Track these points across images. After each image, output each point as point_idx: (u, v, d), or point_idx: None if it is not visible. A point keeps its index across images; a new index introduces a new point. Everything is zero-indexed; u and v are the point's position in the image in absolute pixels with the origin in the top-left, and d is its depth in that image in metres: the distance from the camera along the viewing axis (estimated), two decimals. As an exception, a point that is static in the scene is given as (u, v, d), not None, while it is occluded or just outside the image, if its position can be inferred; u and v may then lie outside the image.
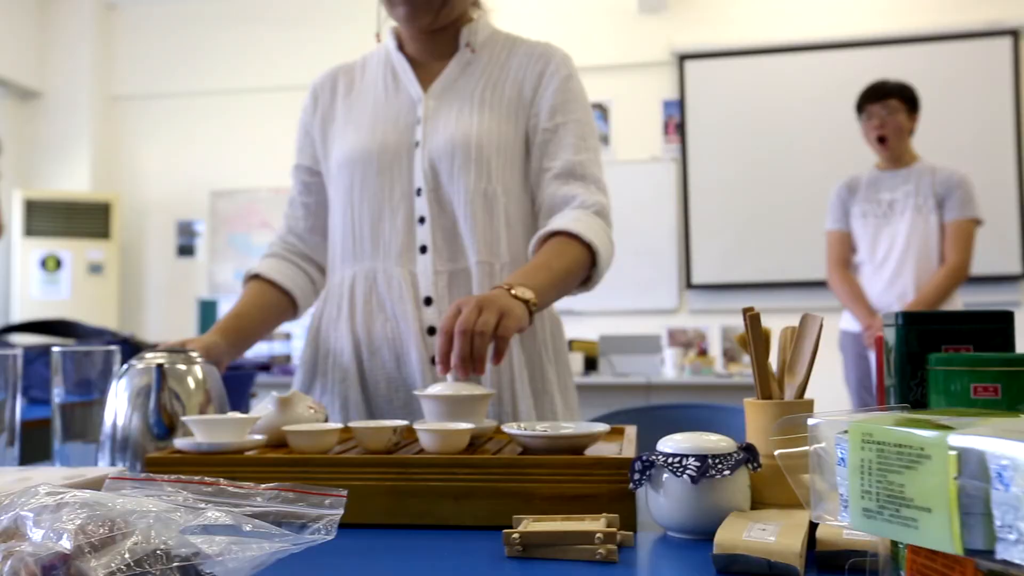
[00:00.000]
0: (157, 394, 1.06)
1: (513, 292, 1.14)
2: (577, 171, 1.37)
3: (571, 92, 1.40)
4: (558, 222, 1.31)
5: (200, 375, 1.10)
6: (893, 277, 3.13)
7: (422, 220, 1.35)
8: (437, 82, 1.40)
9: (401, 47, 1.46)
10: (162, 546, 0.56)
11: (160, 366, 1.07)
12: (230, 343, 1.32)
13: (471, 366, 1.06)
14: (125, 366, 1.10)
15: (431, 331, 1.32)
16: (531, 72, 1.40)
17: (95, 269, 5.69)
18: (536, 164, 1.39)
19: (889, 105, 3.13)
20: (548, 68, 1.40)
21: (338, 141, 1.42)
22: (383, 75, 1.45)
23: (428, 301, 1.33)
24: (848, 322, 3.26)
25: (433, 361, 1.30)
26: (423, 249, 1.35)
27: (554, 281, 1.24)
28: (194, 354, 1.11)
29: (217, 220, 5.87)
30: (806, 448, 0.61)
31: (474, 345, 1.06)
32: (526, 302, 1.14)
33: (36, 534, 0.54)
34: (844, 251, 3.27)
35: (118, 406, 1.06)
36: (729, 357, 4.68)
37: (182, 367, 1.09)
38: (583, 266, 1.30)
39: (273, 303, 1.44)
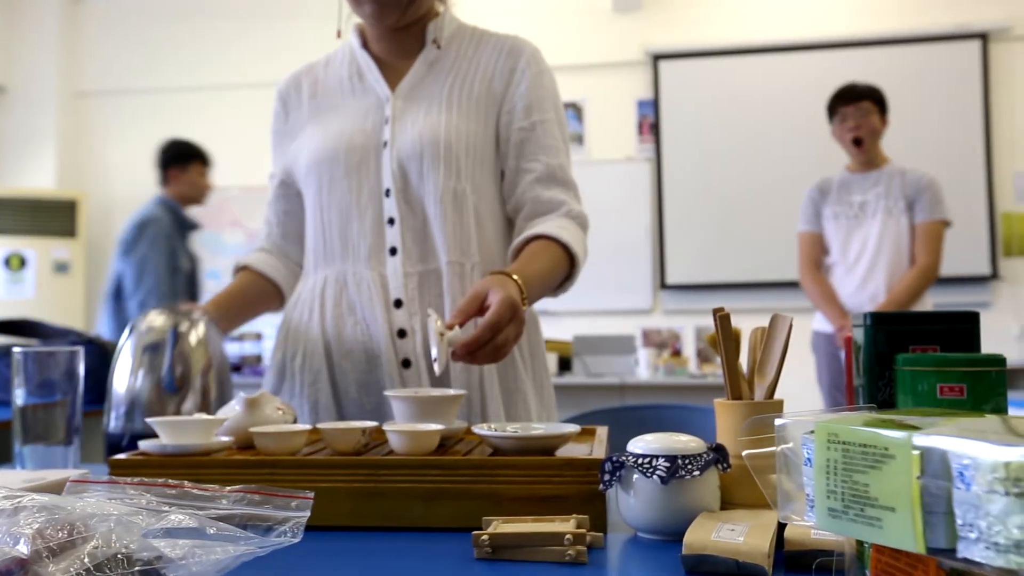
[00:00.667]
0: (172, 352, 1.09)
1: (523, 298, 1.15)
2: (559, 175, 1.37)
3: (544, 88, 1.40)
4: (546, 227, 1.31)
5: (203, 335, 1.13)
6: (865, 278, 3.17)
7: (391, 221, 1.34)
8: (404, 81, 1.39)
9: (365, 45, 1.45)
10: (123, 550, 0.56)
11: (176, 327, 1.09)
12: (221, 315, 1.35)
13: (470, 358, 1.07)
14: (130, 326, 1.17)
15: (401, 333, 1.32)
16: (501, 67, 1.39)
17: (61, 268, 5.61)
18: (513, 163, 1.38)
19: (862, 107, 3.17)
20: (519, 63, 1.40)
21: (306, 143, 1.42)
22: (348, 75, 1.44)
23: (398, 303, 1.32)
24: (820, 323, 3.30)
25: (404, 363, 1.31)
26: (392, 251, 1.34)
27: (543, 284, 1.27)
28: (196, 315, 1.14)
29: (186, 218, 5.80)
30: (774, 448, 0.61)
31: (487, 353, 1.07)
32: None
33: (-8, 539, 0.53)
34: (816, 252, 3.31)
35: (125, 366, 1.09)
36: (703, 358, 4.71)
37: (187, 326, 1.13)
38: (563, 274, 1.32)
39: (261, 289, 1.47)
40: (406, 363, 1.31)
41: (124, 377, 1.18)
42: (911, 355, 0.76)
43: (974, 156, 5.05)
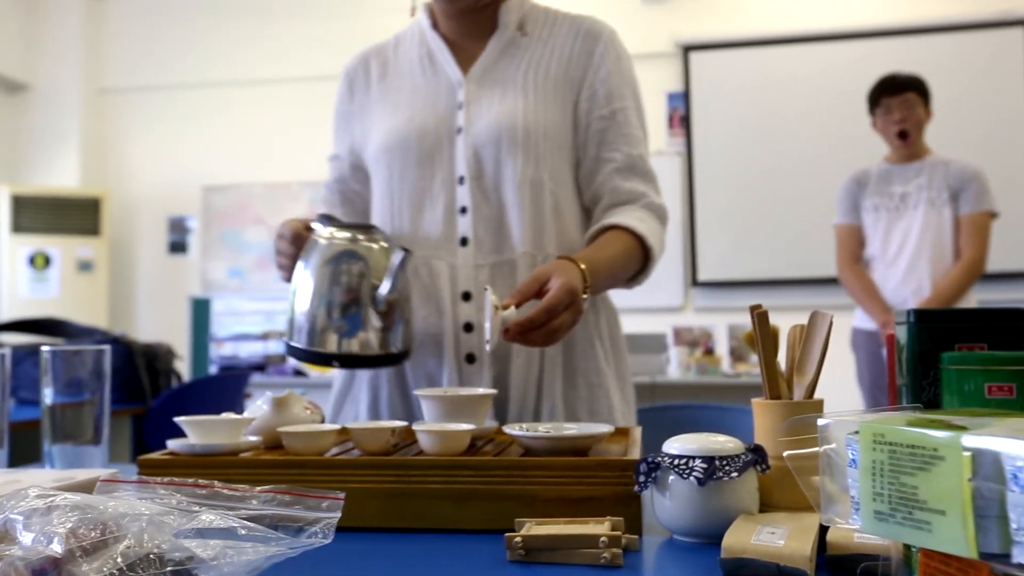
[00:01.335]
0: (396, 275, 1.16)
1: (586, 287, 1.15)
2: (639, 166, 1.36)
3: (624, 74, 1.38)
4: (622, 218, 1.30)
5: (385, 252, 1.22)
6: (907, 272, 3.12)
7: (463, 210, 1.32)
8: (477, 64, 1.37)
9: (435, 26, 1.41)
10: (155, 550, 0.57)
11: (406, 251, 1.16)
12: None
13: (522, 338, 1.09)
14: (316, 243, 1.19)
15: (468, 328, 1.30)
16: (578, 50, 1.37)
17: (85, 266, 5.68)
18: (593, 152, 1.36)
19: (907, 99, 3.12)
20: (597, 47, 1.37)
21: (375, 128, 1.39)
22: (418, 56, 1.41)
23: (467, 296, 1.30)
24: (861, 319, 3.25)
25: (468, 359, 1.29)
26: (463, 241, 1.31)
27: (612, 274, 1.27)
28: (379, 235, 1.20)
29: (210, 216, 5.86)
30: (816, 449, 0.61)
31: (540, 335, 1.09)
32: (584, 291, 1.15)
33: (26, 538, 0.54)
34: (855, 245, 3.26)
35: (311, 287, 1.16)
36: (736, 356, 4.68)
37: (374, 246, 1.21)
38: (637, 268, 1.32)
39: None
40: (470, 358, 1.29)
41: (313, 292, 1.19)
42: (957, 353, 0.75)
43: (1018, 146, 4.97)
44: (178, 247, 5.95)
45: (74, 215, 5.65)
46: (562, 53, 1.37)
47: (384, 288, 1.15)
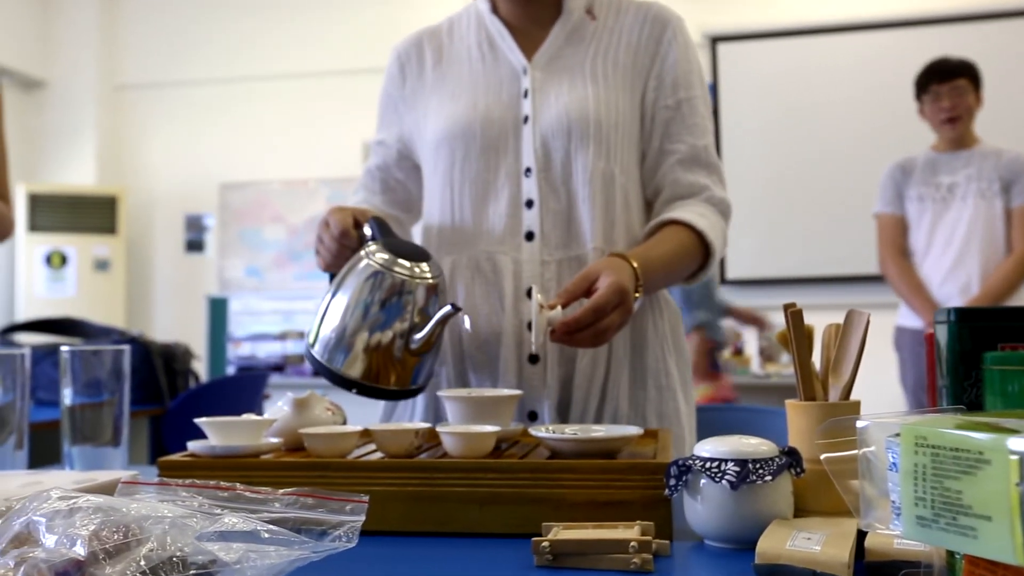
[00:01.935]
0: (437, 325, 1.13)
1: (638, 286, 1.14)
2: (703, 158, 1.34)
3: (691, 63, 1.36)
4: (681, 212, 1.29)
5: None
6: (954, 267, 3.04)
7: (529, 204, 1.30)
8: (542, 50, 1.34)
9: (495, 9, 1.39)
10: (178, 553, 0.57)
11: (455, 308, 1.13)
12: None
13: (568, 338, 1.08)
14: (368, 262, 1.15)
15: (531, 327, 1.27)
16: (646, 37, 1.35)
17: (101, 265, 5.75)
18: (656, 144, 1.35)
19: (958, 85, 3.06)
20: (666, 34, 1.35)
21: (433, 115, 1.37)
22: (476, 42, 1.38)
23: (531, 293, 1.27)
24: (906, 317, 3.18)
25: (530, 359, 1.27)
26: (529, 235, 1.29)
27: (667, 272, 1.26)
28: (432, 268, 1.17)
29: (227, 214, 5.90)
30: (855, 452, 0.60)
31: (586, 336, 1.08)
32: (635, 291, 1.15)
33: (49, 540, 0.55)
34: (898, 237, 3.17)
35: (348, 305, 1.14)
36: (766, 356, 4.65)
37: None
38: (696, 265, 1.31)
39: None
40: (533, 359, 1.27)
41: (349, 312, 1.16)
42: (1000, 353, 0.74)
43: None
44: (195, 245, 5.99)
45: (90, 213, 5.71)
46: (629, 40, 1.35)
47: (424, 333, 1.13)
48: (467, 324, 1.23)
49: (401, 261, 1.16)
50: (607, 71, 1.32)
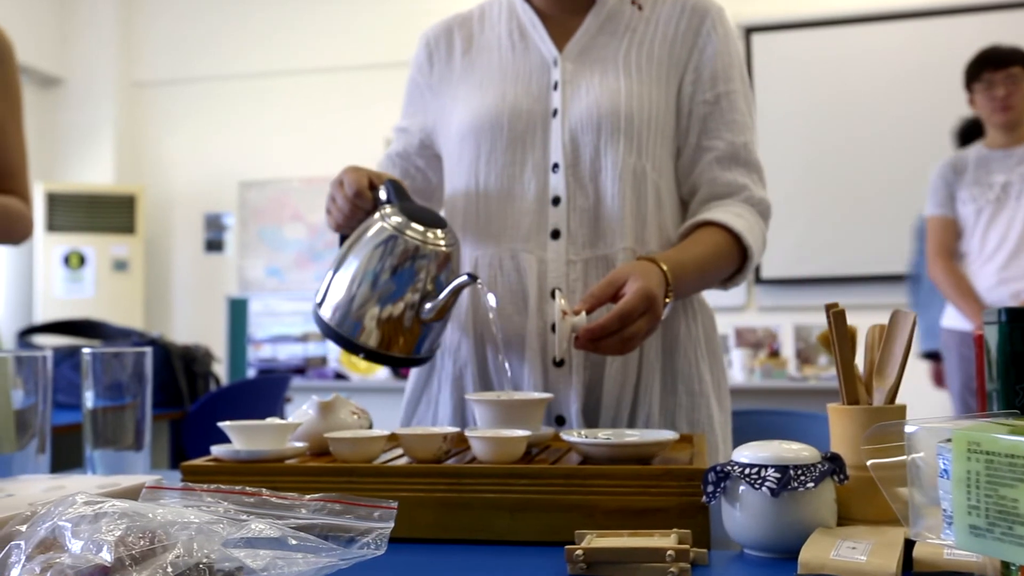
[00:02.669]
0: (451, 294, 1.15)
1: (668, 291, 1.13)
2: (742, 155, 1.32)
3: (732, 55, 1.34)
4: (718, 213, 1.27)
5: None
6: (1006, 269, 3.00)
7: (556, 200, 1.28)
8: (573, 40, 1.33)
9: None
10: (204, 560, 0.58)
11: (472, 277, 1.14)
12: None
13: (593, 345, 1.08)
14: (382, 225, 1.16)
15: (555, 330, 1.28)
16: (683, 28, 1.33)
17: (120, 266, 5.81)
18: (693, 140, 1.33)
19: (1012, 73, 3.01)
20: (704, 24, 1.33)
21: (460, 106, 1.36)
22: (507, 30, 1.38)
23: (555, 295, 1.27)
24: (952, 319, 3.15)
25: (555, 362, 1.26)
26: (555, 234, 1.28)
27: (700, 276, 1.24)
28: (449, 236, 1.18)
29: (247, 212, 5.95)
30: (903, 458, 0.60)
31: (612, 343, 1.08)
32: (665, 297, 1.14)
33: (75, 545, 0.56)
34: (949, 240, 3.14)
35: (361, 267, 1.16)
36: (803, 359, 4.62)
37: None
38: (731, 268, 1.30)
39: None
40: (558, 361, 1.26)
41: (361, 275, 1.17)
42: (1056, 355, 0.73)
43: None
44: (214, 245, 6.04)
45: (109, 213, 5.78)
46: (666, 31, 1.33)
47: (437, 301, 1.14)
48: (492, 301, 1.22)
49: (415, 225, 1.17)
50: (641, 63, 1.31)
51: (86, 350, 1.12)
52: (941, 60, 3.33)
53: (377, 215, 1.18)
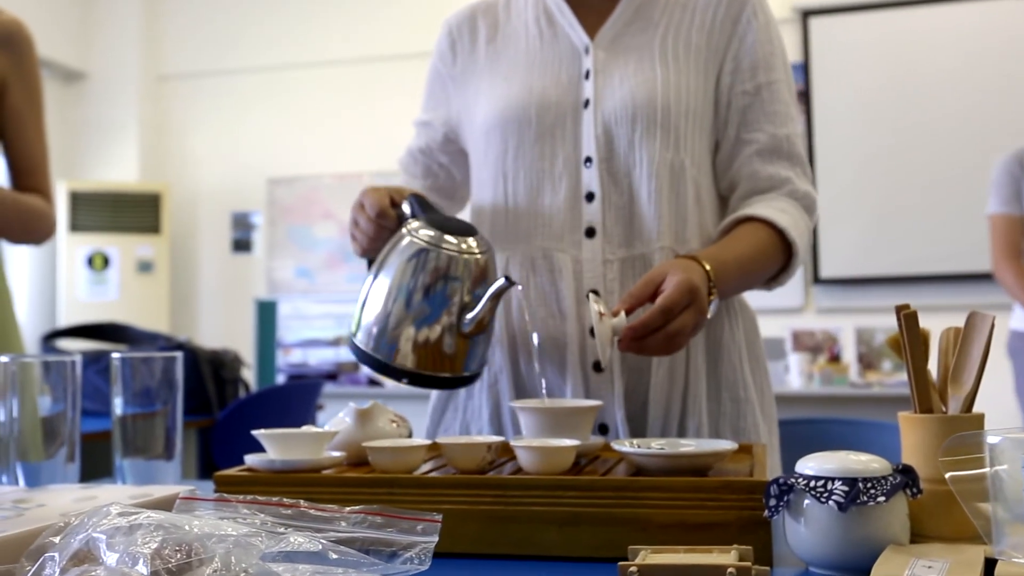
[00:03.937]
0: (490, 302, 1.13)
1: (711, 288, 1.13)
2: (784, 148, 1.31)
3: (773, 43, 1.33)
4: (760, 208, 1.26)
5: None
6: None
7: (590, 197, 1.28)
8: (605, 28, 1.32)
9: None
10: (243, 574, 0.58)
11: (508, 280, 1.13)
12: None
13: (637, 346, 1.07)
14: (410, 240, 1.16)
15: (594, 332, 1.28)
16: (722, 16, 1.32)
17: (145, 267, 5.89)
18: (732, 133, 1.32)
19: None
20: (744, 12, 1.32)
21: (484, 97, 1.36)
22: (535, 17, 1.37)
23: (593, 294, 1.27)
24: (1020, 321, 3.13)
25: (595, 367, 1.26)
26: (590, 232, 1.27)
27: (744, 274, 1.24)
28: (480, 243, 1.17)
29: (275, 211, 6.00)
30: (984, 471, 0.59)
31: (657, 342, 1.07)
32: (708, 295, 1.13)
33: (110, 558, 0.57)
34: (1016, 238, 3.10)
35: (392, 287, 1.15)
36: (866, 364, 4.56)
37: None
38: (775, 267, 1.29)
39: None
40: (597, 366, 1.26)
41: (392, 296, 1.17)
42: None
43: None
44: (242, 245, 6.10)
45: (133, 212, 5.85)
46: (704, 18, 1.32)
47: (476, 312, 1.13)
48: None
49: (447, 237, 1.16)
50: (678, 52, 1.30)
51: (115, 355, 1.14)
52: (1015, 42, 3.27)
53: (404, 230, 1.18)
